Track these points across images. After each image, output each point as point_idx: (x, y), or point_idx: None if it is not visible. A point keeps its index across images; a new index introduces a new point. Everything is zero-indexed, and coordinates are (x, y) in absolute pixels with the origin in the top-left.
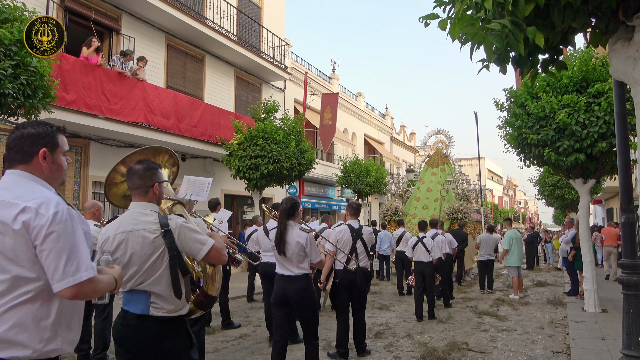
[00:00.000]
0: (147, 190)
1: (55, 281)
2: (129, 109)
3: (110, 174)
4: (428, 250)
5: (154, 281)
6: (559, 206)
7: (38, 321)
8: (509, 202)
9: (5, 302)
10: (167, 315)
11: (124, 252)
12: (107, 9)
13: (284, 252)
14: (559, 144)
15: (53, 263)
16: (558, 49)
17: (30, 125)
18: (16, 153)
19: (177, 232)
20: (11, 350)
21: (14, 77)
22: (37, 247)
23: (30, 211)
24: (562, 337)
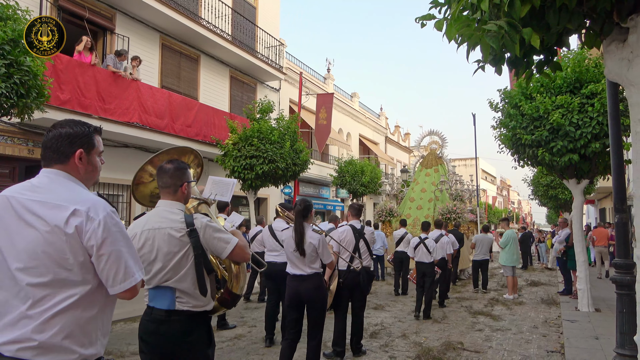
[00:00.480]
0: (177, 190)
1: (117, 283)
2: (124, 109)
3: (138, 173)
4: (429, 251)
5: (180, 278)
6: (553, 206)
7: (82, 326)
8: (503, 202)
9: (51, 306)
10: (192, 309)
11: (150, 249)
12: (101, 8)
13: (304, 251)
14: (552, 144)
15: (114, 266)
16: (553, 50)
17: (68, 124)
18: (53, 152)
19: (202, 231)
20: (58, 356)
21: (7, 77)
22: (94, 252)
23: (81, 214)
24: (556, 337)
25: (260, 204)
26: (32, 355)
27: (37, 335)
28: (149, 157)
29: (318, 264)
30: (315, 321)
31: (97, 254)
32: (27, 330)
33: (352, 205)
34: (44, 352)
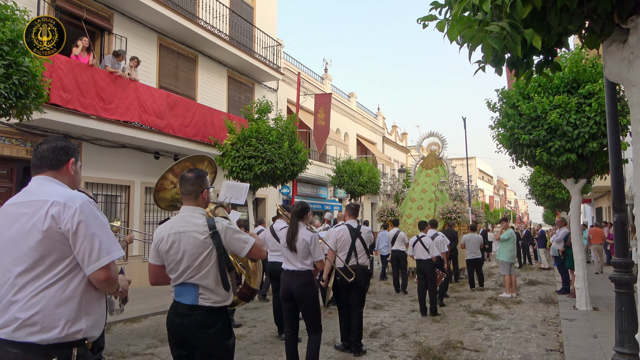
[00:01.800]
0: (198, 196)
1: (92, 262)
2: (123, 109)
3: (159, 181)
4: (426, 248)
5: (203, 276)
6: (550, 205)
7: (62, 305)
8: (500, 201)
9: (33, 289)
10: (213, 305)
11: (177, 250)
12: (98, 9)
13: (295, 247)
14: (550, 144)
15: (88, 247)
16: (553, 51)
17: (59, 139)
18: (49, 161)
19: (223, 233)
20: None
21: (5, 77)
22: (70, 236)
23: (58, 204)
24: (555, 335)
25: (259, 204)
26: (23, 335)
27: (21, 313)
28: (170, 166)
29: (309, 261)
30: (309, 316)
31: (73, 237)
32: (14, 311)
33: (348, 206)
34: (30, 329)
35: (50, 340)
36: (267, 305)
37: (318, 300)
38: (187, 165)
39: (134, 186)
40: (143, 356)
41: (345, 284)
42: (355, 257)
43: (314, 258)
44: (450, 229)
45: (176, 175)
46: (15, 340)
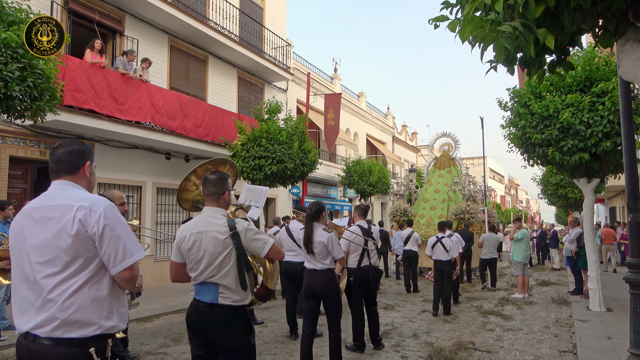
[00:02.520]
0: (219, 197)
1: (118, 262)
2: (136, 110)
3: (183, 182)
4: (447, 249)
5: (223, 275)
6: (562, 205)
7: (96, 303)
8: (511, 201)
9: (66, 288)
10: (232, 304)
11: (198, 249)
12: (110, 11)
13: (312, 250)
14: (563, 143)
15: (114, 249)
16: (566, 50)
17: (74, 142)
18: (66, 165)
19: (243, 233)
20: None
21: (21, 80)
22: (96, 239)
23: (84, 209)
24: (568, 336)
25: (269, 204)
26: (61, 333)
27: (59, 313)
28: (193, 168)
29: (329, 260)
30: (331, 313)
31: (99, 239)
32: (52, 311)
33: (358, 207)
34: (69, 328)
35: (88, 335)
36: (277, 305)
37: (340, 298)
38: (210, 168)
39: (146, 186)
40: (156, 355)
41: (358, 284)
42: (368, 258)
43: (334, 257)
44: (466, 229)
45: (199, 177)
46: (54, 337)
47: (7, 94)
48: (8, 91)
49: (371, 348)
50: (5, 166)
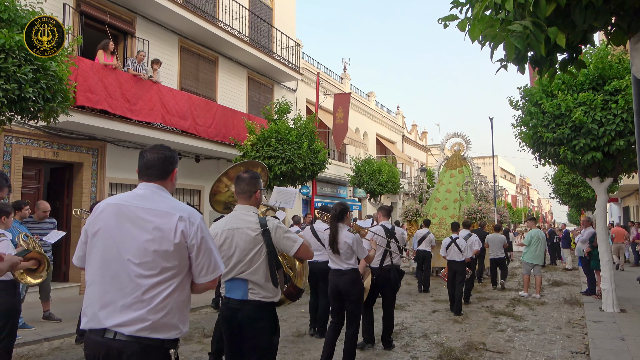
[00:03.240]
0: (251, 195)
1: (209, 273)
2: (147, 111)
3: (215, 184)
4: (461, 250)
5: (253, 271)
6: (574, 205)
7: (181, 308)
8: (522, 200)
9: (160, 291)
10: (262, 300)
11: (229, 245)
12: (121, 13)
13: (337, 250)
14: (575, 142)
15: (207, 260)
16: (577, 48)
17: (165, 149)
18: (158, 170)
19: (273, 231)
20: (167, 332)
21: (34, 82)
22: (194, 249)
23: (185, 220)
24: (580, 337)
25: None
26: (147, 333)
27: (151, 315)
28: (225, 169)
29: (354, 260)
30: (351, 312)
31: (196, 250)
32: (143, 312)
33: (382, 207)
34: (156, 330)
35: (170, 337)
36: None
37: (362, 298)
38: (241, 169)
39: None
40: None
41: (378, 283)
42: (390, 257)
43: (359, 256)
44: (482, 229)
45: (230, 179)
46: (141, 336)
47: (21, 96)
48: (22, 93)
49: (381, 348)
50: (19, 167)
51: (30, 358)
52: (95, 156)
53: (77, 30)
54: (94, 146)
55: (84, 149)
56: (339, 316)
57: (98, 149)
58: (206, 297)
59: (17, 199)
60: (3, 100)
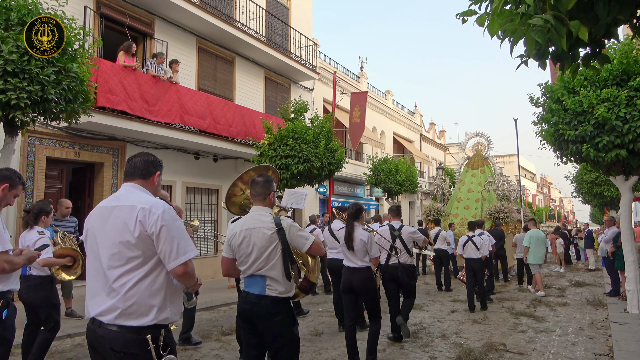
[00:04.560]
0: (265, 197)
1: (172, 259)
2: (166, 111)
3: (230, 188)
4: (478, 248)
5: (270, 268)
6: (597, 204)
7: (152, 296)
8: (543, 200)
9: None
10: (278, 295)
11: (247, 244)
12: (140, 15)
13: (352, 247)
14: (598, 139)
15: (169, 247)
16: (601, 42)
17: (149, 154)
18: (140, 171)
19: (288, 229)
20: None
21: (56, 83)
22: (154, 238)
23: (145, 210)
24: (604, 339)
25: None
26: (121, 321)
27: (120, 303)
28: (239, 175)
29: (368, 257)
30: (370, 306)
31: (156, 238)
32: (114, 301)
33: (391, 208)
34: (128, 316)
35: (145, 324)
36: (303, 304)
37: (377, 292)
38: (253, 174)
39: (176, 186)
40: (185, 352)
41: (389, 280)
42: (396, 256)
43: (370, 255)
44: (497, 228)
45: (245, 183)
46: (115, 324)
47: (44, 97)
48: (44, 94)
49: (400, 347)
50: (42, 167)
51: (54, 354)
52: (115, 156)
53: (97, 33)
54: (115, 146)
55: (104, 149)
56: (353, 311)
57: (118, 149)
58: (225, 296)
59: (40, 198)
60: (27, 102)
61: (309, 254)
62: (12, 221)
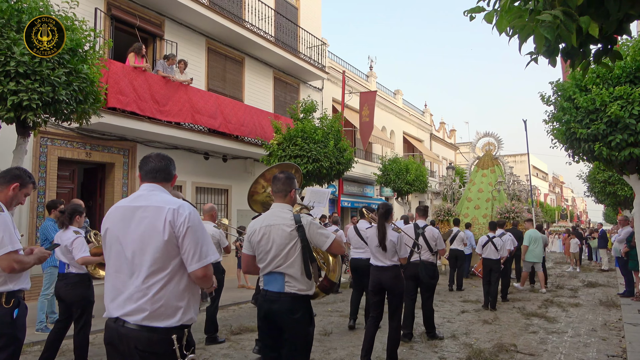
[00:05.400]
0: (287, 194)
1: (194, 262)
2: (176, 111)
3: (252, 186)
4: (497, 248)
5: (289, 265)
6: (610, 203)
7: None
8: (556, 199)
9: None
10: (297, 293)
11: (267, 241)
12: (150, 16)
13: (385, 247)
14: (611, 138)
15: (192, 249)
16: (612, 39)
17: (168, 157)
18: (164, 174)
19: (307, 227)
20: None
21: (67, 84)
22: (180, 238)
23: (173, 211)
24: (617, 341)
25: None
26: (148, 322)
27: (149, 305)
28: (262, 172)
29: (396, 257)
30: (394, 305)
31: (182, 239)
32: (142, 302)
33: (417, 207)
34: (156, 318)
35: (171, 325)
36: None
37: (404, 292)
38: (276, 171)
39: (185, 186)
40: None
41: (409, 277)
42: (418, 253)
43: (399, 255)
44: (515, 227)
45: (267, 180)
46: (142, 324)
47: (55, 98)
48: (56, 95)
49: (410, 346)
50: (54, 167)
51: (65, 352)
52: (126, 156)
53: (107, 34)
54: (125, 147)
55: (115, 150)
56: (378, 310)
57: (129, 150)
58: (235, 296)
59: (52, 198)
60: (38, 103)
61: (329, 253)
62: (25, 220)
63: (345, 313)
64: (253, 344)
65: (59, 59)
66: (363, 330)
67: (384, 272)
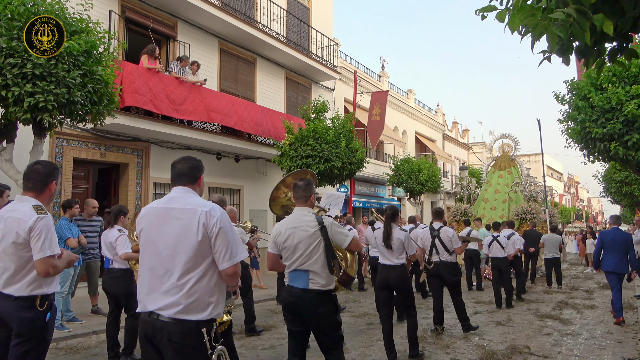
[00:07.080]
0: (307, 199)
1: (225, 260)
2: (192, 110)
3: (274, 192)
4: (503, 247)
5: (313, 262)
6: (627, 204)
7: (210, 292)
8: (571, 200)
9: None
10: (321, 288)
11: (292, 241)
12: (163, 18)
13: (391, 246)
14: (627, 137)
15: (223, 249)
16: (628, 36)
17: (192, 159)
18: (188, 177)
19: (329, 227)
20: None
21: (82, 86)
22: (212, 239)
23: (206, 214)
24: (633, 343)
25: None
26: (182, 315)
27: (183, 300)
28: (282, 179)
29: (403, 256)
30: (406, 303)
31: (214, 239)
32: (177, 297)
33: (433, 210)
34: (189, 312)
35: (202, 318)
36: None
37: (412, 288)
38: (293, 179)
39: None
40: None
41: (433, 276)
42: (437, 254)
43: (408, 253)
44: (534, 229)
45: (287, 186)
46: (176, 318)
47: (70, 99)
48: (70, 97)
49: None
50: (69, 167)
51: (79, 350)
52: (140, 157)
53: (122, 36)
54: (139, 147)
55: (129, 150)
56: (387, 306)
57: (142, 150)
58: None
59: (68, 198)
60: (54, 104)
61: (348, 250)
62: None
63: (357, 313)
64: (265, 343)
65: (74, 61)
66: (373, 331)
67: (391, 271)
